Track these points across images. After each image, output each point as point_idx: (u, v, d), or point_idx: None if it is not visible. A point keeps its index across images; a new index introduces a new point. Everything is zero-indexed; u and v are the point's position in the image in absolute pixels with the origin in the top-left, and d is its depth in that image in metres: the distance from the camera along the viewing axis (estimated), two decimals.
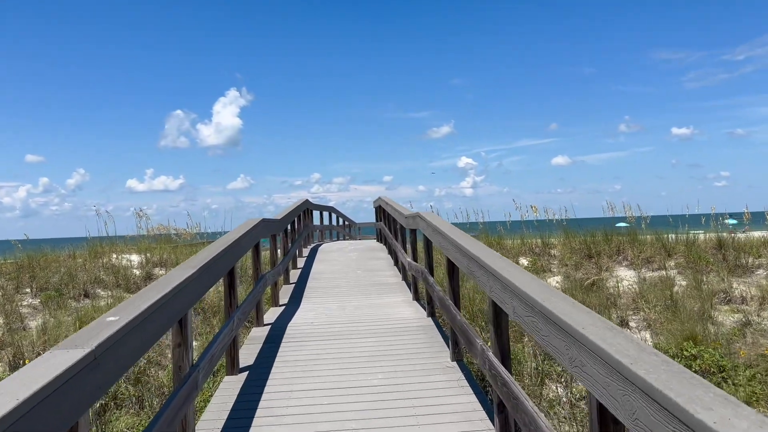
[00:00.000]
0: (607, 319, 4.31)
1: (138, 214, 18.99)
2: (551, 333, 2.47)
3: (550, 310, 2.43)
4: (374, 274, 10.49)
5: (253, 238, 6.21)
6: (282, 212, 9.43)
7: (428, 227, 6.15)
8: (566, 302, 2.51)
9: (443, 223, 5.65)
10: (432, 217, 6.24)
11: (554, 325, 2.41)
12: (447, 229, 5.18)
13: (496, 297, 3.38)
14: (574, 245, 15.06)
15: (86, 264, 13.61)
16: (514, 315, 3.04)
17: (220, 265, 4.54)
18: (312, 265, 11.93)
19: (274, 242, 8.24)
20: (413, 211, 7.70)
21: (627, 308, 11.02)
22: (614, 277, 12.71)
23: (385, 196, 13.64)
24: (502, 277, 3.13)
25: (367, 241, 18.23)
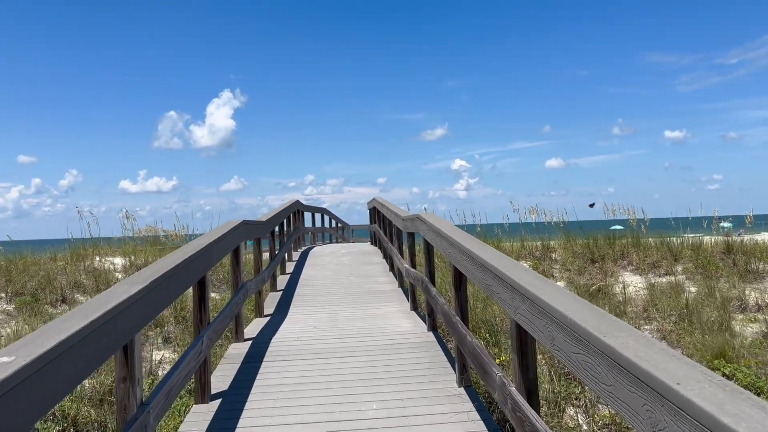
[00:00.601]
0: None
1: (125, 216, 18.39)
2: (620, 383, 1.74)
3: (621, 353, 1.71)
4: (368, 281, 9.76)
5: (230, 242, 5.46)
6: (268, 214, 8.68)
7: (430, 230, 5.42)
8: (640, 340, 1.78)
9: (447, 226, 4.92)
10: (434, 219, 5.52)
11: (628, 375, 1.68)
12: (453, 233, 4.45)
13: (525, 321, 2.65)
14: (576, 249, 14.54)
15: (67, 267, 13.04)
16: (552, 347, 2.31)
17: (184, 277, 3.78)
18: (302, 270, 11.18)
19: (259, 246, 7.49)
20: (412, 213, 6.97)
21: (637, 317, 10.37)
22: (620, 282, 12.09)
23: (380, 197, 12.91)
24: (537, 299, 2.40)
25: (360, 244, 17.49)
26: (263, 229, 7.56)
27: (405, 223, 7.40)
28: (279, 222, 10.16)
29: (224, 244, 5.19)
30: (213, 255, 4.61)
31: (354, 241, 27.13)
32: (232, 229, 5.50)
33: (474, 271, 3.70)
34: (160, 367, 8.13)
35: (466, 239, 4.08)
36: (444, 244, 4.69)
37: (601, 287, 11.69)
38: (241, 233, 5.96)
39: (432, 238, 5.38)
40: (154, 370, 7.96)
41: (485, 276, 3.36)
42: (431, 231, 5.35)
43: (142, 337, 9.05)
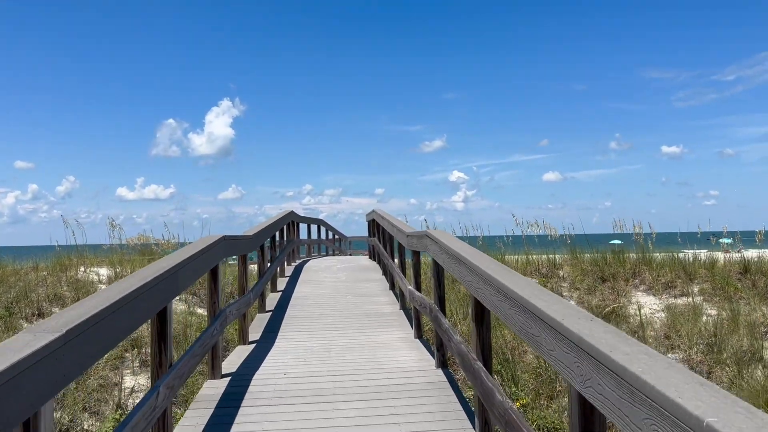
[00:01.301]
0: None
1: (111, 224, 17.55)
2: None
3: None
4: (367, 301, 8.88)
5: (205, 262, 4.60)
6: (257, 227, 7.81)
7: (442, 252, 4.57)
8: None
9: (465, 248, 4.07)
10: (446, 238, 4.66)
11: None
12: (474, 257, 3.60)
13: (603, 400, 1.79)
14: (584, 266, 13.78)
15: (47, 278, 12.21)
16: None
17: (132, 313, 2.91)
18: (295, 287, 10.31)
19: (245, 263, 6.62)
20: (418, 230, 6.10)
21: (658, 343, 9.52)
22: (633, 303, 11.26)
23: (380, 210, 12.06)
24: (629, 374, 1.54)
25: (358, 258, 16.60)
26: (250, 244, 6.69)
27: (410, 240, 6.55)
28: (270, 235, 9.30)
29: (197, 265, 4.33)
30: (179, 280, 3.75)
31: (351, 253, 26.24)
32: (208, 247, 4.64)
33: (507, 310, 2.84)
34: (131, 396, 7.25)
35: (494, 267, 3.23)
36: (461, 270, 3.84)
37: (615, 309, 10.88)
38: (220, 251, 5.10)
39: (444, 261, 4.53)
40: (125, 402, 7.07)
41: (527, 320, 2.51)
42: (444, 252, 4.49)
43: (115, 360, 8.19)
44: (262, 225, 8.18)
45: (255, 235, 6.97)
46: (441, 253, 4.63)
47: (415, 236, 6.14)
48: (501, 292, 2.93)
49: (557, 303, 2.39)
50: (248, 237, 6.49)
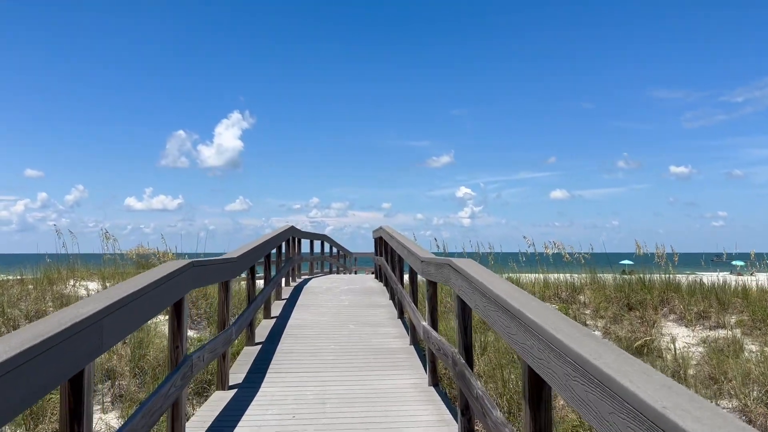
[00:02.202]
0: None
1: (105, 236, 16.59)
2: None
3: None
4: (372, 332, 7.73)
5: (161, 297, 3.49)
6: (244, 247, 6.70)
7: (474, 291, 3.44)
8: None
9: (512, 291, 2.94)
10: (479, 273, 3.54)
11: None
12: (535, 311, 2.47)
13: None
14: (607, 291, 12.67)
15: (31, 293, 11.23)
16: None
17: (19, 384, 1.81)
18: (291, 312, 9.17)
19: (226, 291, 5.50)
20: (436, 256, 4.95)
21: (703, 386, 8.30)
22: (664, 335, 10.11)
23: (388, 227, 10.94)
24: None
25: (363, 278, 15.40)
26: (233, 268, 5.57)
27: (425, 268, 5.41)
28: (263, 254, 8.19)
29: (147, 303, 3.22)
30: (104, 331, 2.63)
31: (356, 270, 25.08)
32: (166, 277, 3.53)
33: (596, 405, 1.72)
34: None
35: (572, 332, 2.10)
36: (508, 324, 2.71)
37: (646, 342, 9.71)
38: (186, 281, 3.98)
39: (477, 304, 3.40)
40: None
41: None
42: (476, 292, 3.37)
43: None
44: (252, 244, 7.07)
45: (241, 257, 5.86)
46: (472, 292, 3.50)
47: (432, 264, 5.01)
48: (588, 377, 1.80)
49: (685, 392, 1.26)
50: (230, 260, 5.36)
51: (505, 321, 2.75)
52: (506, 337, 2.77)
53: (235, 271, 5.70)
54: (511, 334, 2.67)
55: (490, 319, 3.06)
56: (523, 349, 2.49)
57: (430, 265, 5.14)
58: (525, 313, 2.42)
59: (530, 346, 2.38)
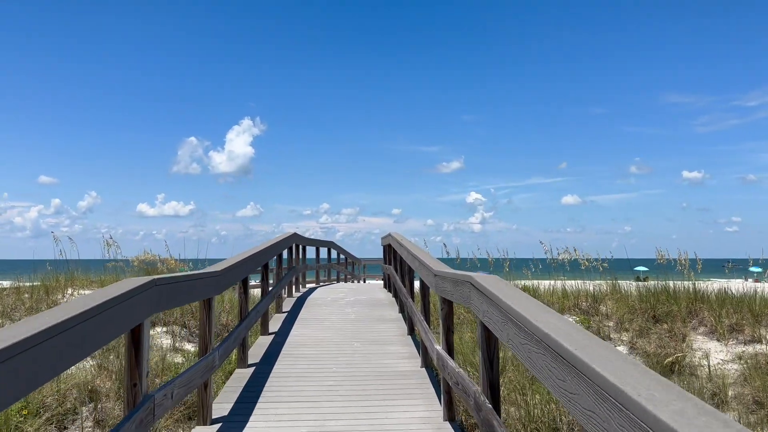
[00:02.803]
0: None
1: (107, 243, 15.99)
2: None
3: None
4: (379, 352, 6.95)
5: (111, 325, 2.75)
6: (234, 257, 5.95)
7: (505, 320, 2.66)
8: None
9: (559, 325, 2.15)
10: (511, 295, 2.76)
11: None
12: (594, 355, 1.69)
13: None
14: (631, 301, 11.86)
15: (26, 302, 10.63)
16: None
17: None
18: (291, 327, 8.40)
19: (209, 309, 4.73)
20: (457, 273, 4.14)
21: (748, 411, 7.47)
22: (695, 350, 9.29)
23: (397, 234, 10.16)
24: None
25: (371, 287, 14.57)
26: (216, 283, 4.80)
27: (440, 284, 4.63)
28: (258, 265, 7.43)
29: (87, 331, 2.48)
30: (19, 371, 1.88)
31: (365, 278, 24.30)
32: (117, 299, 2.79)
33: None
34: None
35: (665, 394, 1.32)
36: (552, 367, 1.94)
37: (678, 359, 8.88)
38: (147, 302, 3.23)
39: (508, 334, 2.62)
40: None
41: None
42: (509, 322, 2.58)
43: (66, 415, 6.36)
44: (243, 254, 6.31)
45: (227, 271, 5.09)
46: (503, 322, 2.71)
47: (448, 280, 4.22)
48: None
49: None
50: (211, 275, 4.59)
51: (557, 370, 1.96)
52: (557, 392, 1.99)
53: (220, 286, 4.94)
54: (566, 391, 1.89)
55: (531, 361, 2.27)
56: (588, 417, 1.71)
57: (446, 280, 4.35)
58: (594, 368, 1.64)
59: (602, 416, 1.60)
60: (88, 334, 2.53)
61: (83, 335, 2.47)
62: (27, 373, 2.02)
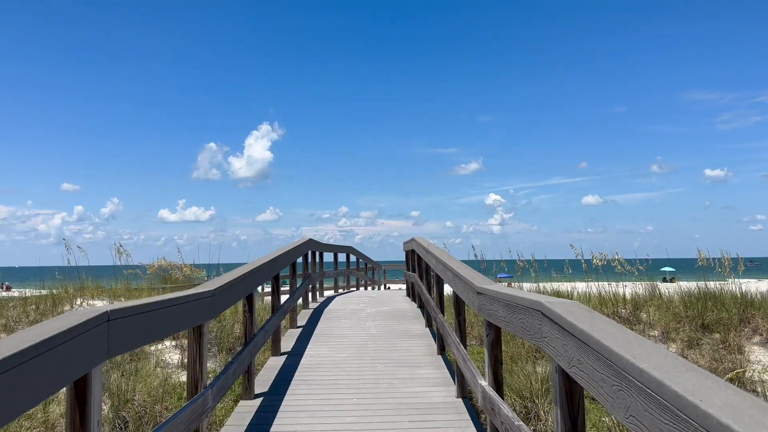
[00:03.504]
0: None
1: (118, 251, 15.35)
2: None
3: None
4: (407, 377, 5.99)
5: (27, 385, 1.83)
6: (235, 272, 5.02)
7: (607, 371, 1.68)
8: None
9: (733, 399, 1.17)
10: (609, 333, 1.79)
11: None
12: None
13: None
14: (675, 308, 10.85)
15: (30, 314, 10.03)
16: None
17: None
18: (306, 346, 7.48)
19: (199, 338, 3.82)
20: (518, 294, 3.09)
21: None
22: (753, 362, 8.25)
23: (422, 239, 9.20)
24: None
25: (392, 297, 13.53)
26: (208, 307, 3.88)
27: (486, 305, 3.65)
28: (267, 278, 6.52)
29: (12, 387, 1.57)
30: None
31: (386, 284, 23.35)
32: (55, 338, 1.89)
33: None
34: None
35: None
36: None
37: (738, 374, 7.81)
38: (93, 345, 2.32)
39: (621, 399, 1.65)
40: None
41: None
42: (622, 380, 1.62)
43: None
44: (243, 269, 5.37)
45: (221, 290, 4.15)
46: (611, 380, 1.74)
47: (501, 303, 3.24)
48: None
49: None
50: (200, 297, 3.66)
51: None
52: None
53: (215, 308, 4.02)
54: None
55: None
56: None
57: (496, 302, 3.38)
58: None
59: None
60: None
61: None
62: None
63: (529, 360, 8.92)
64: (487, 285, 3.87)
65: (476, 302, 4.02)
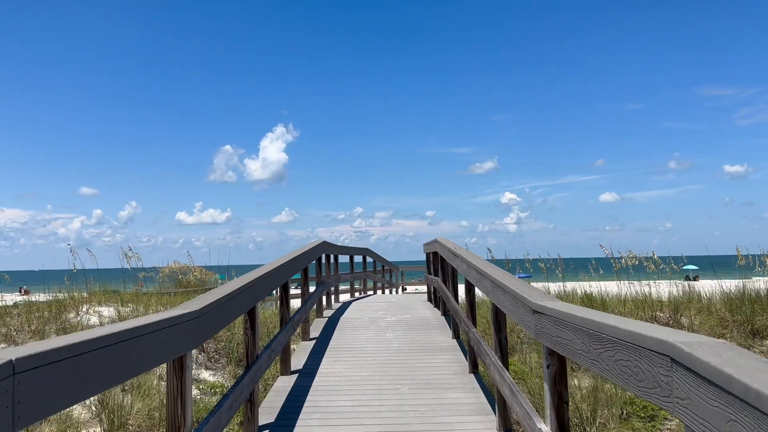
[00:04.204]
0: None
1: (126, 255, 14.75)
2: None
3: None
4: (436, 403, 5.11)
5: None
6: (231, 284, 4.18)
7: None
8: None
9: None
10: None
11: None
12: None
13: None
14: (719, 311, 9.97)
15: (33, 323, 9.36)
16: None
17: None
18: (320, 362, 6.62)
19: (181, 373, 2.99)
20: (600, 316, 2.22)
21: None
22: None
23: (448, 241, 8.31)
24: None
25: (412, 302, 12.55)
26: (193, 331, 3.04)
27: (549, 327, 2.76)
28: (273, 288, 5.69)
29: None
30: None
31: (404, 286, 22.50)
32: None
33: None
34: None
35: None
36: None
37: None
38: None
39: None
40: None
41: None
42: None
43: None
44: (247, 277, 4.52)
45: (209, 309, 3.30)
46: None
47: (579, 330, 2.36)
48: None
49: None
50: (181, 319, 2.80)
51: None
52: None
53: (200, 334, 3.17)
54: None
55: None
56: None
57: (570, 329, 2.49)
58: None
59: None
60: None
61: None
62: None
63: None
64: (549, 302, 2.98)
65: (532, 323, 3.13)
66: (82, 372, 1.93)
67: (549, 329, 2.85)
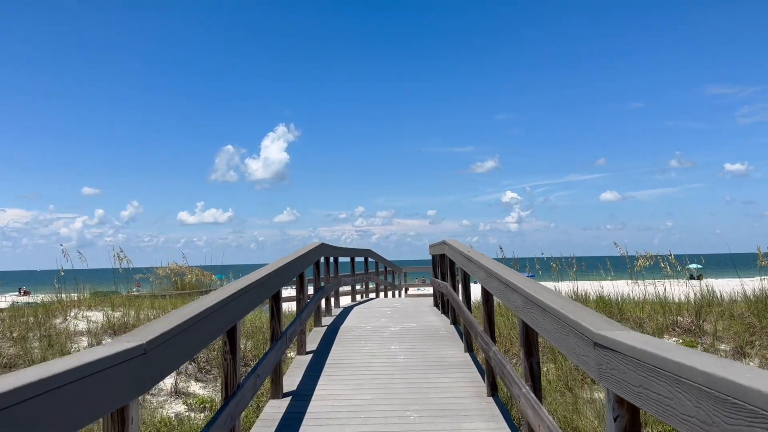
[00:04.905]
0: None
1: (118, 257, 14.21)
2: None
3: None
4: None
5: None
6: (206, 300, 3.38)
7: None
8: None
9: None
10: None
11: None
12: None
13: None
14: (745, 315, 9.36)
15: (15, 330, 8.65)
16: None
17: None
18: (316, 383, 5.82)
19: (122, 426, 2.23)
20: (708, 364, 1.45)
21: None
22: None
23: (458, 242, 7.52)
24: None
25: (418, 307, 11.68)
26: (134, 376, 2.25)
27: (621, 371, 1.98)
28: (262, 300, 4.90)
29: None
30: None
31: (407, 287, 21.70)
32: None
33: None
34: None
35: None
36: None
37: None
38: None
39: None
40: None
41: None
42: None
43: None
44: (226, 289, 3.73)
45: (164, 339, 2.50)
46: None
47: (698, 389, 1.57)
48: None
49: None
50: (118, 358, 2.02)
51: None
52: None
53: (147, 376, 2.37)
54: None
55: None
56: None
57: (673, 384, 1.71)
58: None
59: None
60: None
61: None
62: None
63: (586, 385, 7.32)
64: (620, 332, 2.18)
65: (592, 361, 2.34)
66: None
67: (622, 372, 2.06)
